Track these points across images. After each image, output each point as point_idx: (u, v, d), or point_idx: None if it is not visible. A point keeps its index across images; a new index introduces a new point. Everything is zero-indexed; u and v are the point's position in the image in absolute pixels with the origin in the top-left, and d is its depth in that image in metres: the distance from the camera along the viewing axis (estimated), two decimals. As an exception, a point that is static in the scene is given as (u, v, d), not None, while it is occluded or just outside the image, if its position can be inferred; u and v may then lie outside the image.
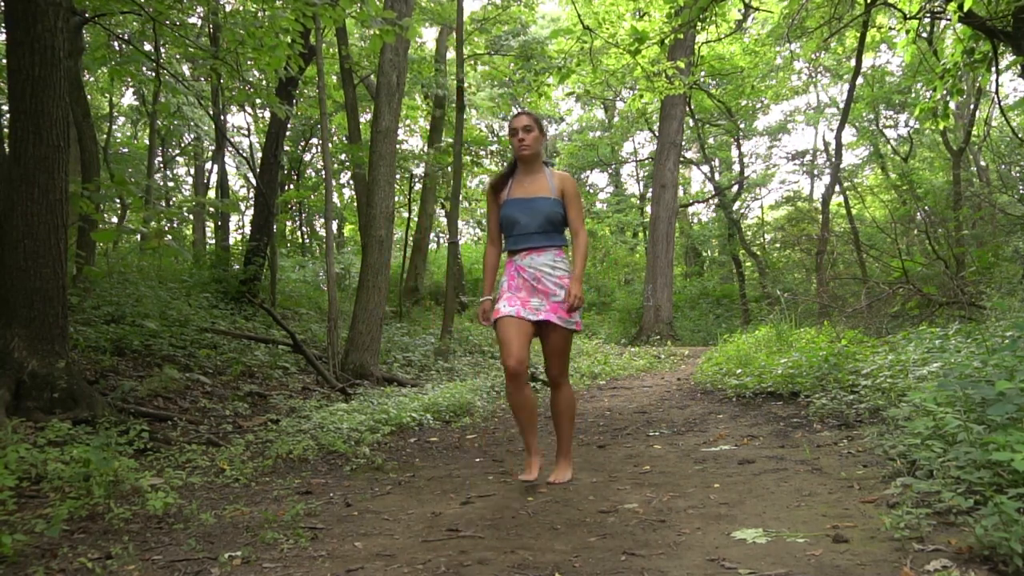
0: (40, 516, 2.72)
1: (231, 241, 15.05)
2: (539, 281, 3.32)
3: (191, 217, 18.47)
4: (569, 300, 3.28)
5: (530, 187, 3.43)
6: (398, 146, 10.41)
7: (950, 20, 6.48)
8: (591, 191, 29.37)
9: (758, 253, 21.19)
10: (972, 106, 14.29)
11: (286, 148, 14.45)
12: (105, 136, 13.54)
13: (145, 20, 6.90)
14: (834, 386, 4.89)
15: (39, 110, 4.10)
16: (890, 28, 12.07)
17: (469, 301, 15.63)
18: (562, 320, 3.30)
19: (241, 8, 8.31)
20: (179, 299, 8.10)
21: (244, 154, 16.45)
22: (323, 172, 11.67)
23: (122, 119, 20.00)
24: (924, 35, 11.24)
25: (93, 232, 6.47)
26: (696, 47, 15.29)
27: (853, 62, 13.50)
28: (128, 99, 19.19)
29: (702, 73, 17.39)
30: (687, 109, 17.79)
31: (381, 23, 5.39)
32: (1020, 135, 11.42)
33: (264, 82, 11.23)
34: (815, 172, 23.72)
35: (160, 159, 19.49)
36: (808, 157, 23.26)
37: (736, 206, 21.98)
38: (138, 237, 11.37)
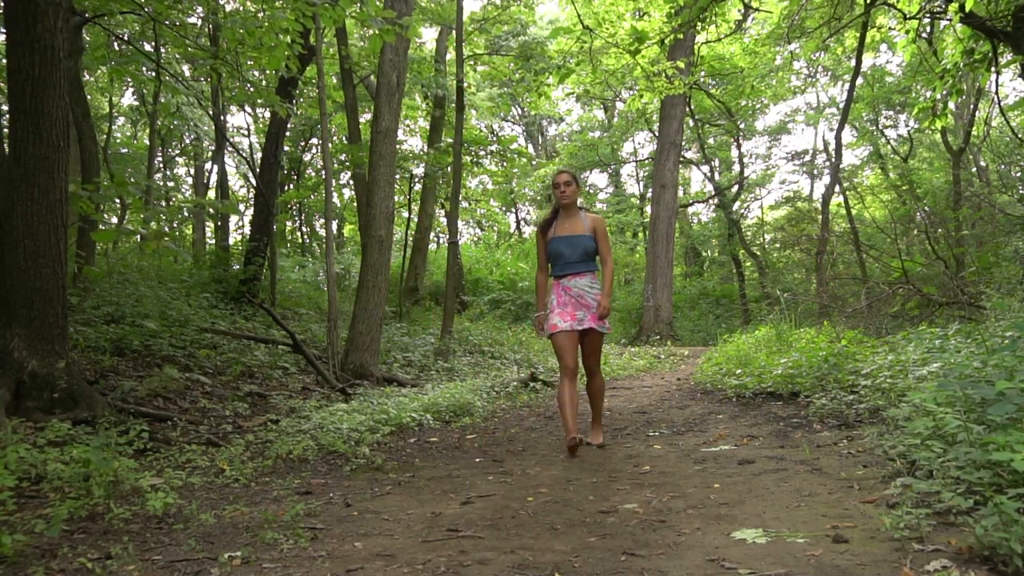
0: (40, 516, 2.72)
1: (231, 241, 15.05)
2: (582, 297, 4.34)
3: (191, 217, 18.47)
4: (600, 310, 4.30)
5: (570, 227, 4.46)
6: (398, 146, 10.41)
7: (950, 20, 6.48)
8: (591, 191, 29.37)
9: (758, 253, 21.19)
10: (972, 106, 14.29)
11: (286, 148, 14.45)
12: (105, 136, 13.53)
13: (145, 20, 6.90)
14: (834, 386, 4.89)
15: (39, 110, 4.10)
16: (890, 28, 12.06)
17: (469, 301, 15.63)
18: (599, 327, 4.34)
19: (241, 8, 8.31)
20: (179, 299, 8.10)
21: (244, 154, 16.45)
22: (323, 172, 11.67)
23: (122, 119, 20.00)
24: (924, 35, 11.24)
25: (93, 232, 6.47)
26: (696, 47, 15.28)
27: (853, 62, 13.50)
28: (128, 99, 19.19)
29: (702, 73, 17.39)
30: (687, 109, 17.79)
31: (381, 23, 5.40)
32: (1020, 135, 11.41)
33: (264, 82, 11.23)
34: (815, 172, 23.73)
35: (160, 159, 19.49)
36: (808, 157, 23.27)
37: (736, 206, 21.98)
38: (138, 237, 11.36)
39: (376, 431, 4.76)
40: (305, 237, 23.82)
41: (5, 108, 6.46)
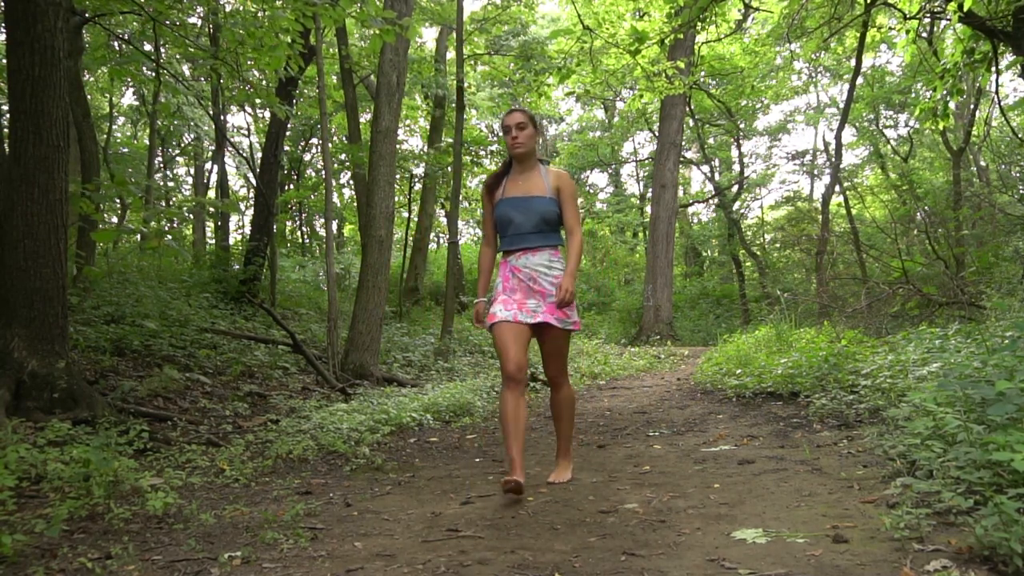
0: (40, 516, 2.72)
1: (231, 241, 15.04)
2: (535, 281, 3.29)
3: (191, 217, 18.47)
4: (559, 294, 3.21)
5: (525, 185, 3.37)
6: (398, 146, 10.41)
7: (950, 20, 6.48)
8: (591, 191, 29.36)
9: (758, 253, 21.19)
10: (972, 106, 14.29)
11: (286, 148, 14.45)
12: (105, 136, 13.54)
13: (145, 20, 6.90)
14: (834, 386, 4.89)
15: (39, 110, 4.10)
16: (890, 28, 12.06)
17: (469, 301, 15.62)
18: (560, 321, 3.26)
19: (241, 8, 8.31)
20: (179, 299, 8.10)
21: (244, 154, 16.45)
22: (323, 172, 11.67)
23: (122, 119, 20.00)
24: (924, 35, 11.24)
25: (93, 232, 6.47)
26: (696, 47, 15.29)
27: (853, 62, 13.50)
28: (128, 99, 19.20)
29: (702, 73, 17.39)
30: (687, 109, 17.79)
31: (381, 23, 5.40)
32: (1020, 135, 11.41)
33: (264, 82, 11.23)
34: (815, 172, 23.74)
35: (160, 159, 19.49)
36: (808, 157, 23.27)
37: (736, 206, 21.98)
38: (138, 237, 11.36)
39: (376, 431, 4.76)
40: (305, 237, 23.82)
41: (5, 108, 6.46)
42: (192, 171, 22.60)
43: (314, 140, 18.76)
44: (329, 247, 7.54)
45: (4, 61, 5.78)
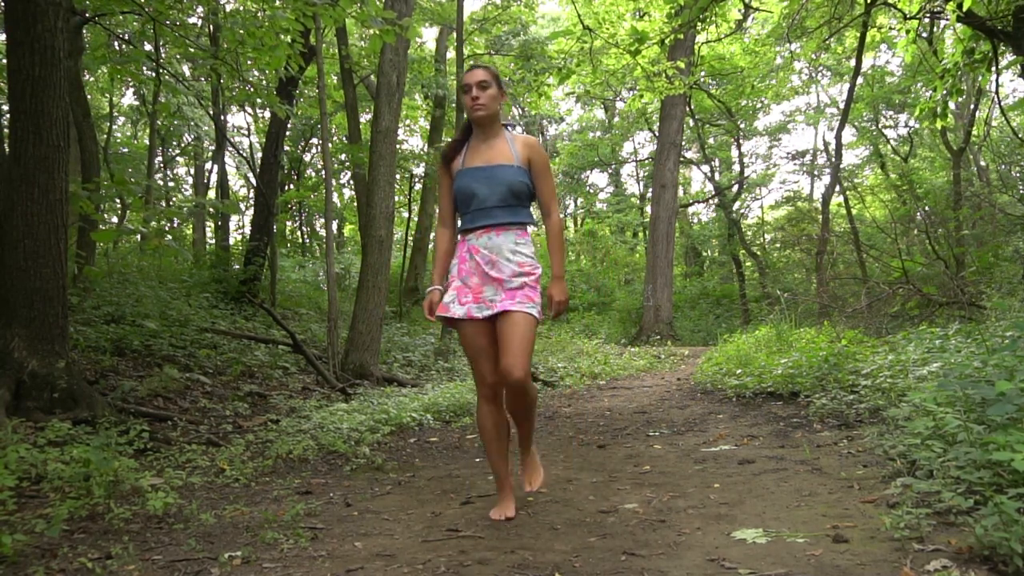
0: (40, 516, 2.72)
1: (231, 241, 15.05)
2: (494, 266, 2.78)
3: (191, 217, 18.48)
4: (553, 306, 2.85)
5: (488, 154, 2.87)
6: (398, 146, 10.41)
7: (949, 20, 6.48)
8: (591, 191, 29.36)
9: (758, 253, 21.19)
10: (972, 106, 14.29)
11: (286, 148, 14.45)
12: (105, 136, 13.54)
13: (145, 20, 6.90)
14: (834, 386, 4.89)
15: (39, 110, 4.10)
16: (890, 28, 12.07)
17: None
18: (522, 304, 2.76)
19: (241, 8, 8.31)
20: (179, 299, 8.10)
21: (244, 154, 16.45)
22: (323, 172, 11.67)
23: (122, 119, 20.00)
24: (924, 35, 11.24)
25: (93, 232, 6.47)
26: (696, 47, 15.29)
27: (853, 62, 13.50)
28: (128, 99, 19.19)
29: (702, 73, 17.39)
30: (687, 109, 17.79)
31: (381, 23, 5.40)
32: (1020, 135, 11.41)
33: (264, 82, 11.23)
34: (815, 172, 23.73)
35: (160, 159, 19.49)
36: (808, 157, 23.28)
37: (736, 206, 21.98)
38: (138, 237, 11.36)
39: (376, 431, 4.76)
40: (305, 237, 23.82)
41: (5, 108, 6.47)
42: (192, 171, 22.60)
43: (314, 140, 18.77)
44: (329, 247, 7.54)
45: (4, 61, 5.78)
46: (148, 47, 8.94)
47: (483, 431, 2.88)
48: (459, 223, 2.95)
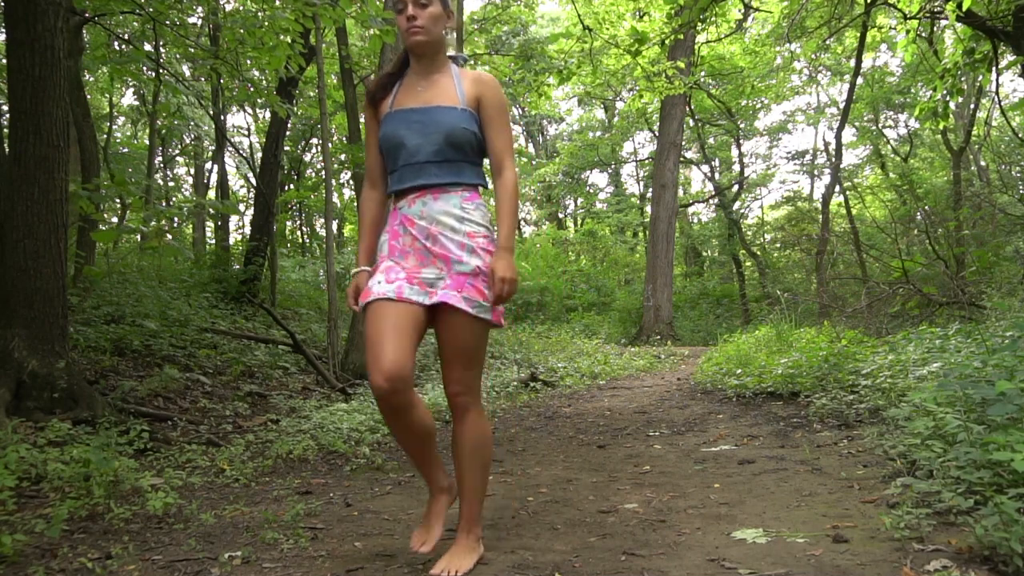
0: (40, 516, 2.72)
1: (231, 241, 15.05)
2: (435, 240, 2.17)
3: (192, 217, 18.48)
4: (495, 286, 2.14)
5: (425, 94, 2.25)
6: (398, 146, 10.40)
7: (949, 20, 6.48)
8: (591, 191, 29.37)
9: (758, 253, 21.19)
10: (972, 106, 14.29)
11: (286, 148, 14.45)
12: (105, 136, 13.53)
13: (145, 20, 6.90)
14: (834, 386, 4.89)
15: (39, 110, 4.10)
16: (890, 28, 12.07)
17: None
18: (471, 304, 2.14)
19: (241, 8, 8.31)
20: (179, 299, 8.10)
21: (244, 154, 16.45)
22: (323, 172, 11.67)
23: (122, 119, 20.00)
24: (924, 35, 11.25)
25: (93, 232, 6.48)
26: (696, 47, 15.29)
27: (853, 62, 13.51)
28: (128, 99, 19.19)
29: (702, 73, 17.40)
30: (687, 109, 17.79)
31: (381, 23, 5.39)
32: (1020, 135, 11.42)
33: (264, 82, 11.23)
34: (815, 172, 23.75)
35: (160, 159, 19.49)
36: (808, 157, 23.28)
37: (736, 206, 21.98)
38: (138, 237, 11.37)
39: (376, 431, 4.76)
40: (305, 237, 23.81)
41: (5, 108, 6.47)
42: (192, 171, 22.60)
43: (314, 140, 18.76)
44: (329, 247, 7.54)
45: (4, 61, 5.78)
46: (148, 47, 8.94)
47: (395, 437, 2.27)
48: (388, 182, 2.32)
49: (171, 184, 21.53)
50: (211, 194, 19.32)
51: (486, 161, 2.36)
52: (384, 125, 2.27)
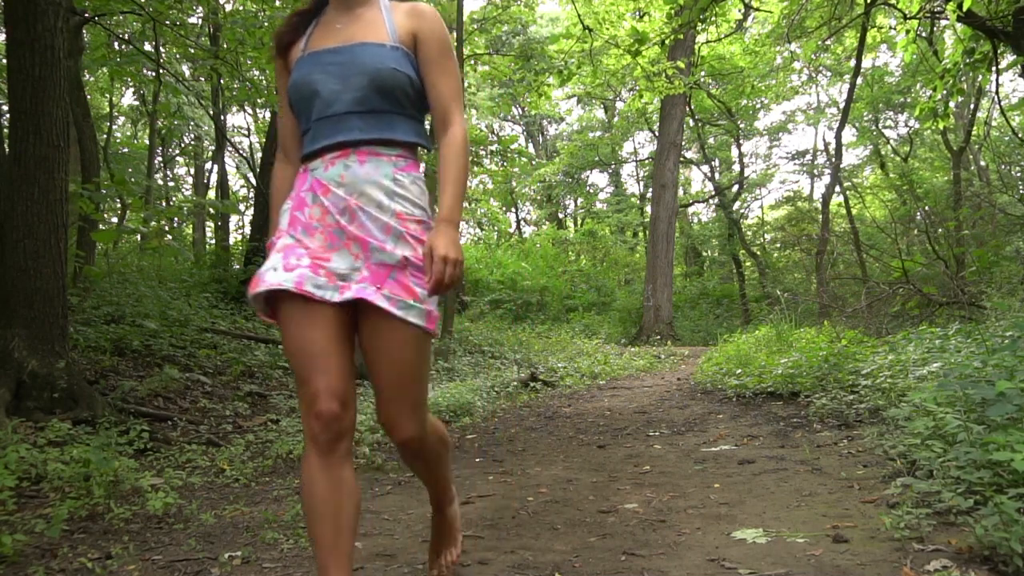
0: (40, 516, 2.72)
1: (231, 241, 15.05)
2: (353, 218, 1.66)
3: (192, 217, 18.48)
4: (434, 266, 1.61)
5: (346, 30, 1.77)
6: (398, 146, 10.40)
7: (950, 20, 6.48)
8: (591, 191, 29.37)
9: (758, 253, 21.20)
10: (972, 106, 14.30)
11: (286, 148, 14.43)
12: (105, 136, 13.53)
13: (145, 20, 6.90)
14: (834, 386, 4.89)
15: (39, 110, 4.10)
16: (890, 28, 12.07)
17: (469, 301, 15.63)
18: (397, 302, 1.62)
19: (241, 8, 8.31)
20: (179, 299, 8.10)
21: (244, 154, 16.44)
22: (323, 172, 11.66)
23: (122, 119, 20.00)
24: (924, 35, 11.25)
25: (93, 232, 6.48)
26: (696, 47, 15.29)
27: (853, 62, 13.51)
28: (128, 99, 19.19)
29: (702, 73, 17.40)
30: (687, 109, 17.79)
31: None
32: (1020, 135, 11.42)
33: (264, 82, 11.24)
34: (815, 172, 23.75)
35: (160, 159, 19.49)
36: (808, 157, 23.29)
37: (736, 206, 21.99)
38: (138, 237, 11.37)
39: (376, 431, 4.75)
40: (305, 237, 23.78)
41: (5, 108, 6.47)
42: (192, 171, 22.61)
43: (314, 140, 18.73)
44: (329, 247, 7.53)
45: (4, 61, 5.79)
46: (148, 47, 8.94)
47: (307, 499, 1.60)
48: (304, 139, 1.79)
49: (171, 184, 21.54)
50: (211, 194, 19.32)
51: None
52: (295, 71, 1.78)
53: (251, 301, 1.69)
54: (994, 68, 7.03)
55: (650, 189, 20.24)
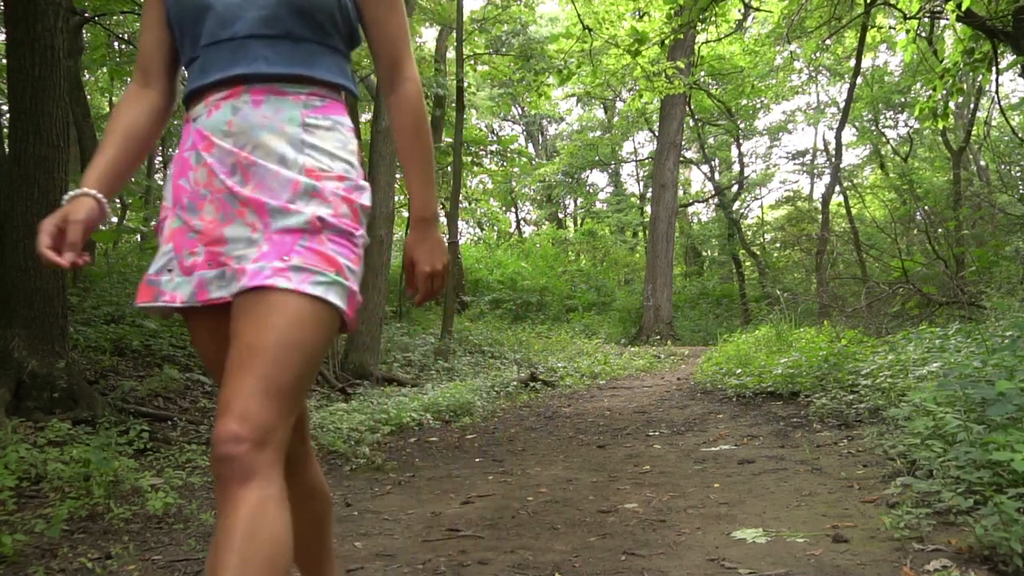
0: (40, 516, 2.72)
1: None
2: (247, 175, 1.24)
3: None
4: (418, 282, 1.39)
5: None
6: (398, 146, 10.39)
7: (949, 20, 6.48)
8: (591, 191, 29.37)
9: (758, 253, 21.20)
10: (972, 106, 14.30)
11: (286, 148, 14.42)
12: (105, 136, 13.52)
13: (145, 20, 6.89)
14: (834, 386, 4.89)
15: (39, 110, 4.10)
16: (890, 28, 12.07)
17: (469, 301, 15.63)
18: (310, 275, 1.17)
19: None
20: (179, 299, 8.09)
21: (244, 154, 16.42)
22: (323, 172, 11.64)
23: (122, 119, 19.98)
24: (924, 35, 11.25)
25: (93, 232, 6.46)
26: (696, 47, 15.29)
27: (853, 62, 13.51)
28: (128, 99, 19.16)
29: (702, 73, 17.40)
30: (687, 109, 17.80)
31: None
32: (1020, 135, 11.42)
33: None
34: (815, 172, 23.75)
35: (160, 159, 19.50)
36: (808, 157, 23.29)
37: (736, 206, 21.99)
38: (138, 237, 11.37)
39: (376, 431, 4.76)
40: (305, 237, 23.79)
41: (5, 108, 6.47)
42: (192, 171, 22.57)
43: (314, 140, 18.73)
44: (329, 247, 7.54)
45: (4, 61, 5.79)
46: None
47: (215, 544, 1.07)
48: (188, 71, 1.36)
49: (171, 184, 21.52)
50: (211, 194, 19.29)
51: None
52: None
53: (53, 255, 1.21)
54: (994, 68, 7.03)
55: (650, 189, 20.24)
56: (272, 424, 1.11)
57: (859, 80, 15.45)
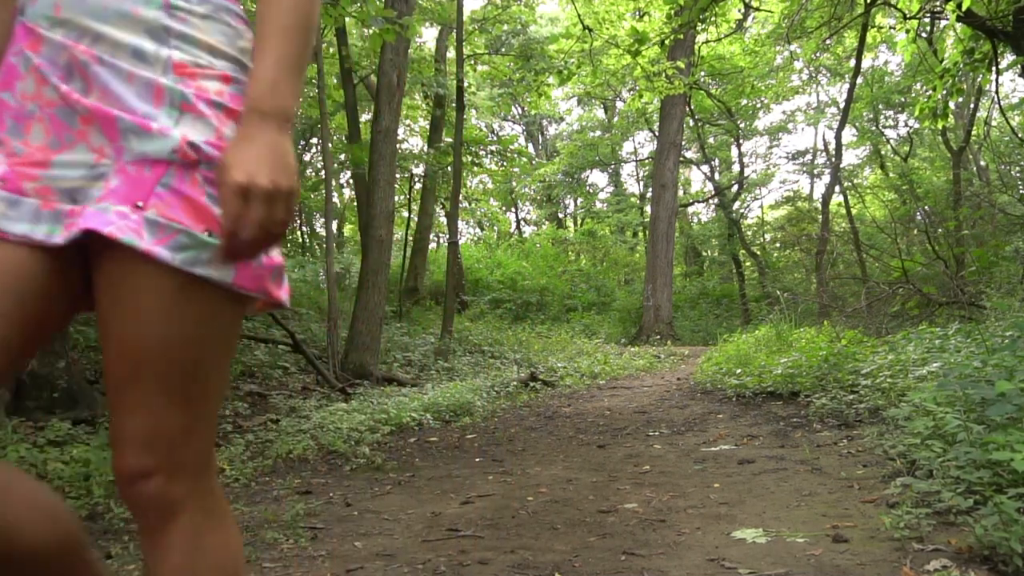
0: (40, 516, 2.72)
1: (231, 241, 15.01)
2: (86, 77, 0.88)
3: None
4: (227, 202, 0.84)
5: None
6: (398, 146, 10.41)
7: (950, 20, 6.48)
8: (591, 191, 29.37)
9: (758, 253, 21.20)
10: (972, 106, 14.30)
11: (286, 148, 14.42)
12: (105, 136, 13.51)
13: (145, 20, 6.89)
14: (834, 386, 4.89)
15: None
16: (890, 28, 12.07)
17: (469, 301, 15.64)
18: (169, 234, 0.84)
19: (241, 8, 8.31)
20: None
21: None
22: (323, 172, 11.68)
23: (122, 119, 19.98)
24: (924, 35, 11.25)
25: None
26: (696, 47, 15.29)
27: (853, 62, 13.51)
28: (128, 99, 19.16)
29: (702, 73, 17.40)
30: (687, 109, 17.80)
31: (381, 23, 5.39)
32: (1020, 135, 11.42)
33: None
34: (815, 172, 23.75)
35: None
36: (808, 157, 23.29)
37: (736, 206, 21.99)
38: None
39: (376, 431, 4.76)
40: (305, 237, 23.81)
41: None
42: (192, 171, 22.55)
43: (314, 140, 18.77)
44: (329, 247, 7.55)
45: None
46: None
47: None
48: None
49: (171, 184, 21.50)
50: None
51: None
52: None
53: None
54: (994, 68, 7.04)
55: (650, 189, 20.25)
56: (181, 440, 0.89)
57: (859, 80, 15.45)
